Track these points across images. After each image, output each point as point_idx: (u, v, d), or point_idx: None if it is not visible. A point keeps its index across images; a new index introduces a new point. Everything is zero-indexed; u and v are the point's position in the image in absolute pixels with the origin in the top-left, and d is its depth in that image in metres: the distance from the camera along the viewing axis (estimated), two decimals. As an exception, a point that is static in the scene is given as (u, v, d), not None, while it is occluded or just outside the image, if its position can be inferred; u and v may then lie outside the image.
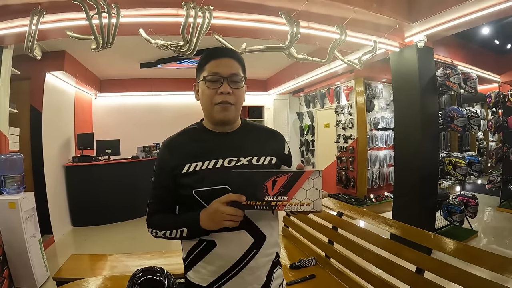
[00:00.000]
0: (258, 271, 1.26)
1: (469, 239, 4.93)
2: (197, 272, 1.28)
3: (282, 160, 1.39)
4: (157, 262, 2.90)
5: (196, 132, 1.38)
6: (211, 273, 1.24)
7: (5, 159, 3.86)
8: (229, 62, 1.29)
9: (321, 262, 2.97)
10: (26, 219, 3.81)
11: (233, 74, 1.28)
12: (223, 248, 1.22)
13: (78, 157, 6.52)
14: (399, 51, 4.81)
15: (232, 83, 1.27)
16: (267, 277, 1.29)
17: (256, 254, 1.25)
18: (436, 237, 2.11)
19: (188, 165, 1.26)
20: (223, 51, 1.33)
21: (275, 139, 1.43)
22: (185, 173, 1.25)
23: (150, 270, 1.80)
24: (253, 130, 1.43)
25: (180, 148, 1.32)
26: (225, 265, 1.22)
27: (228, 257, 1.23)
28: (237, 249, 1.23)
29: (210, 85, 1.27)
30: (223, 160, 1.26)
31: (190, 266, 1.31)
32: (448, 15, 3.92)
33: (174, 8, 3.47)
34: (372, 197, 7.12)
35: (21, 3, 3.32)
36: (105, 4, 3.08)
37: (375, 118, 7.40)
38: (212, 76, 1.27)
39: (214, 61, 1.28)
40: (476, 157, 5.03)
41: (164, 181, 1.31)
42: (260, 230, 1.26)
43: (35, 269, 3.79)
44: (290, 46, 3.77)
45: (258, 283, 1.26)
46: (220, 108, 1.27)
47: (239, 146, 1.32)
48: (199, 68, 1.34)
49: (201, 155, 1.27)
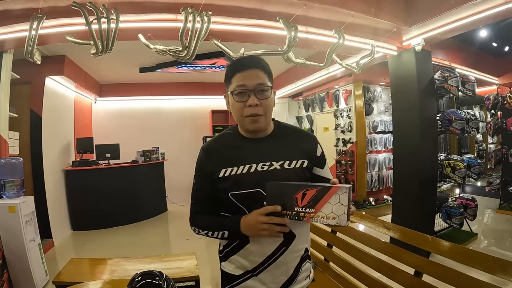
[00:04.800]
0: (285, 266, 1.35)
1: (469, 242, 4.93)
2: (231, 263, 1.39)
3: (314, 162, 1.43)
4: (156, 266, 2.92)
5: (231, 137, 1.44)
6: (244, 266, 1.35)
7: (5, 163, 3.86)
8: (254, 73, 1.32)
9: (320, 266, 2.97)
10: (26, 223, 3.81)
11: (259, 84, 1.31)
12: (256, 245, 1.32)
13: (77, 161, 6.54)
14: (397, 54, 4.82)
15: (259, 93, 1.31)
16: (294, 270, 1.37)
17: (285, 251, 1.33)
18: (434, 240, 2.12)
19: (224, 169, 1.32)
20: (247, 62, 1.34)
21: (306, 141, 1.46)
22: (222, 177, 1.32)
23: (149, 274, 1.80)
24: (286, 134, 1.46)
25: (216, 153, 1.39)
26: (256, 261, 1.33)
27: (260, 253, 1.32)
28: (268, 246, 1.32)
29: (238, 98, 1.31)
30: (257, 165, 1.32)
31: (225, 257, 1.42)
32: (446, 18, 3.93)
33: (173, 13, 3.48)
34: (371, 200, 7.13)
35: (21, 8, 3.33)
36: (105, 9, 3.09)
37: (374, 122, 7.42)
38: (239, 90, 1.30)
39: (239, 73, 1.31)
40: (475, 159, 5.03)
41: (203, 183, 1.40)
42: (290, 229, 1.29)
43: (34, 273, 3.79)
44: (288, 50, 3.78)
45: (285, 275, 1.35)
46: (250, 120, 1.32)
47: (272, 151, 1.36)
48: (226, 80, 1.38)
49: (236, 160, 1.33)
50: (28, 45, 3.29)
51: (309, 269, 1.46)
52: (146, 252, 3.84)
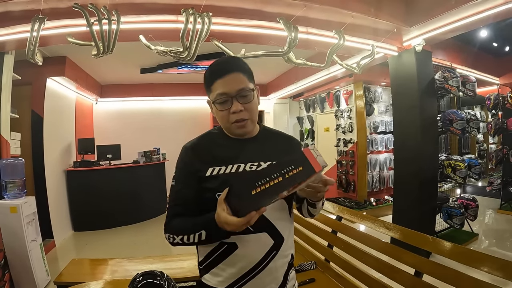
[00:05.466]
0: (276, 272, 1.29)
1: (470, 242, 4.93)
2: (216, 275, 1.28)
3: None
4: (157, 267, 2.93)
5: (217, 136, 1.39)
6: (231, 275, 1.25)
7: (6, 164, 3.88)
8: (234, 78, 1.26)
9: (320, 266, 2.98)
10: (27, 224, 3.83)
11: (240, 90, 1.25)
12: (245, 250, 1.24)
13: (79, 162, 6.56)
14: (397, 55, 4.83)
15: (241, 99, 1.26)
16: (283, 277, 1.31)
17: (275, 256, 1.27)
18: (435, 240, 2.13)
19: (212, 168, 1.27)
20: (225, 67, 1.28)
21: (291, 144, 1.46)
22: (209, 176, 1.26)
23: (150, 274, 1.82)
24: (271, 136, 1.45)
25: (203, 151, 1.33)
26: (246, 267, 1.24)
27: (250, 258, 1.24)
28: (258, 251, 1.25)
29: (220, 107, 1.27)
30: (245, 164, 1.28)
31: (208, 269, 1.31)
32: (446, 18, 3.94)
33: (174, 14, 3.50)
34: (372, 200, 7.12)
35: (22, 9, 3.35)
36: (106, 10, 3.11)
37: (374, 122, 7.43)
38: (221, 98, 1.25)
39: (219, 80, 1.25)
40: (476, 159, 5.03)
41: (189, 182, 1.29)
42: (279, 232, 1.28)
43: (36, 273, 3.81)
44: (288, 51, 3.79)
45: (276, 283, 1.29)
46: (237, 126, 1.28)
47: (259, 151, 1.34)
48: (206, 87, 1.33)
49: (224, 159, 1.29)
50: (30, 46, 3.30)
51: (294, 277, 1.42)
52: (147, 253, 3.84)
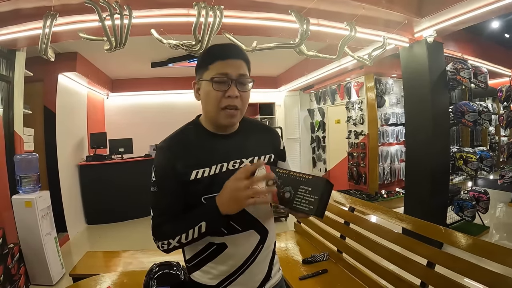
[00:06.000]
0: (263, 263, 1.31)
1: (481, 235, 4.91)
2: (206, 273, 1.26)
3: (278, 156, 1.41)
4: (171, 258, 2.95)
5: (195, 133, 1.29)
6: (222, 272, 1.24)
7: (21, 159, 3.93)
8: (237, 63, 1.21)
9: (333, 257, 3.00)
10: (42, 218, 3.89)
11: (241, 75, 1.21)
12: (234, 249, 1.23)
13: (91, 156, 6.62)
14: (409, 46, 4.79)
15: (240, 85, 1.20)
16: (268, 266, 1.33)
17: (263, 249, 1.29)
18: (447, 231, 2.12)
19: (196, 171, 1.19)
20: (231, 50, 1.23)
21: (272, 136, 1.44)
22: (193, 180, 1.19)
23: (166, 265, 1.85)
24: (252, 129, 1.39)
25: (183, 153, 1.22)
26: (235, 264, 1.24)
27: (239, 255, 1.24)
28: (247, 247, 1.25)
29: (217, 87, 1.18)
30: (228, 163, 1.24)
31: (197, 267, 1.28)
32: (457, 9, 3.90)
33: (185, 8, 3.51)
34: (383, 193, 7.09)
35: (33, 7, 3.38)
36: (117, 6, 3.13)
37: (386, 114, 7.37)
38: (221, 77, 1.17)
39: (221, 61, 1.19)
40: (488, 152, 5.00)
41: (172, 186, 1.21)
42: (264, 226, 1.29)
43: (51, 266, 3.87)
44: (300, 43, 3.79)
45: (262, 273, 1.31)
46: (226, 114, 1.21)
47: (241, 147, 1.29)
48: (201, 66, 1.25)
49: (207, 160, 1.22)
50: (42, 42, 3.34)
51: (278, 261, 1.43)
52: (160, 245, 3.89)
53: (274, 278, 1.36)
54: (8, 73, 4.22)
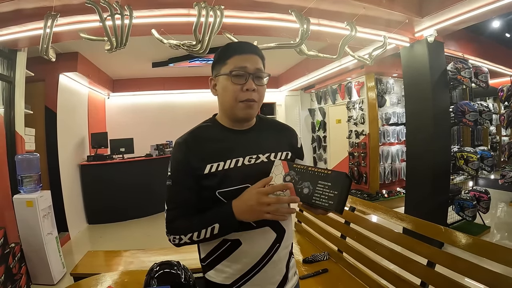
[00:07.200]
0: (280, 264, 1.28)
1: (482, 235, 4.90)
2: (220, 271, 1.25)
3: (296, 154, 1.39)
4: (172, 258, 2.94)
5: (212, 130, 1.31)
6: (236, 271, 1.22)
7: (22, 159, 3.94)
8: (254, 58, 1.25)
9: (333, 256, 2.99)
10: (43, 217, 3.90)
11: (258, 69, 1.24)
12: (249, 246, 1.21)
13: (92, 156, 6.63)
14: (409, 46, 4.79)
15: (257, 79, 1.24)
16: (286, 267, 1.31)
17: (279, 248, 1.26)
18: (447, 231, 2.11)
19: (210, 165, 1.19)
20: (248, 46, 1.27)
21: (289, 133, 1.44)
22: (207, 174, 1.19)
23: (167, 264, 1.85)
24: (269, 126, 1.41)
25: (199, 147, 1.23)
26: (250, 262, 1.22)
27: (254, 253, 1.22)
28: (262, 245, 1.23)
29: (235, 80, 1.21)
30: (243, 158, 1.23)
31: (212, 266, 1.27)
32: (458, 9, 3.90)
33: (186, 8, 3.52)
34: (384, 192, 7.09)
35: (34, 7, 3.39)
36: (118, 6, 3.13)
37: (386, 113, 7.37)
38: (238, 71, 1.21)
39: (238, 56, 1.23)
40: (489, 151, 4.99)
41: (188, 182, 1.22)
42: (281, 224, 1.26)
43: (52, 266, 3.88)
44: (301, 43, 3.79)
45: (280, 274, 1.28)
46: (244, 105, 1.23)
47: (257, 143, 1.29)
48: (219, 62, 1.27)
49: (221, 154, 1.22)
50: (43, 43, 3.34)
51: (295, 264, 1.41)
52: (161, 244, 3.84)
53: (290, 282, 1.34)
54: (9, 73, 4.23)
